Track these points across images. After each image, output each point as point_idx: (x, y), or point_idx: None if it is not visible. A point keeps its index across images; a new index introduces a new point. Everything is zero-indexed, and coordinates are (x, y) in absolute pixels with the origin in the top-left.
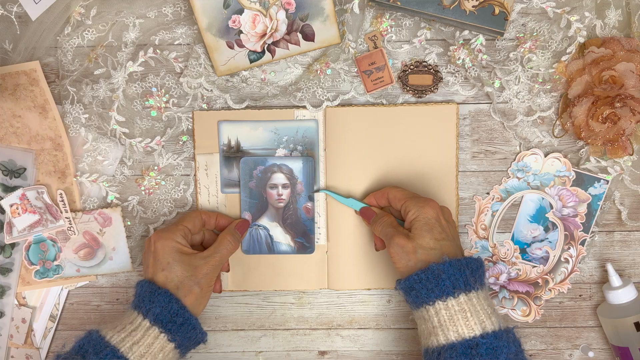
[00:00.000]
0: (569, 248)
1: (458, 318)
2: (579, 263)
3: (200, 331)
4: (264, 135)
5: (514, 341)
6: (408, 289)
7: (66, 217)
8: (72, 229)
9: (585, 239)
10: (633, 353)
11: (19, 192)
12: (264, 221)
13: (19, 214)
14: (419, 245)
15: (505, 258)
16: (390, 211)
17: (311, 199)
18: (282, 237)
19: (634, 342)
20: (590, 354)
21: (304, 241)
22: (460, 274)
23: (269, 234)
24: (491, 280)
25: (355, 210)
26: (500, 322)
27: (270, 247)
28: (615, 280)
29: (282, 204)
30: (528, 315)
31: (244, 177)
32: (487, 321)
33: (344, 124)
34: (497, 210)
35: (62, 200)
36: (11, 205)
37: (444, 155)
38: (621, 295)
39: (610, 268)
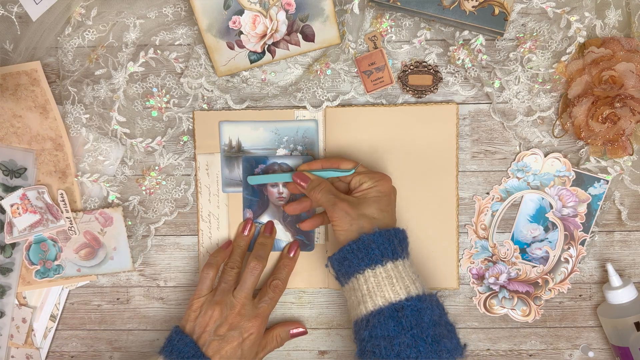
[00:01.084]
0: (569, 248)
1: (385, 284)
2: (579, 263)
3: None
4: (265, 135)
5: (437, 305)
6: (342, 259)
7: (67, 217)
8: (72, 228)
9: (585, 239)
10: (633, 353)
11: (19, 192)
12: (265, 219)
13: (19, 213)
14: (363, 213)
15: (505, 258)
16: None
17: None
18: (282, 235)
19: (634, 342)
20: (590, 354)
21: (304, 239)
22: (389, 243)
23: None
24: (491, 280)
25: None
26: (425, 288)
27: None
28: (615, 280)
29: (283, 202)
30: (528, 315)
31: (245, 175)
32: (412, 286)
33: (344, 124)
34: (497, 210)
35: (63, 200)
36: (12, 205)
37: (444, 155)
38: (621, 295)
39: (610, 268)
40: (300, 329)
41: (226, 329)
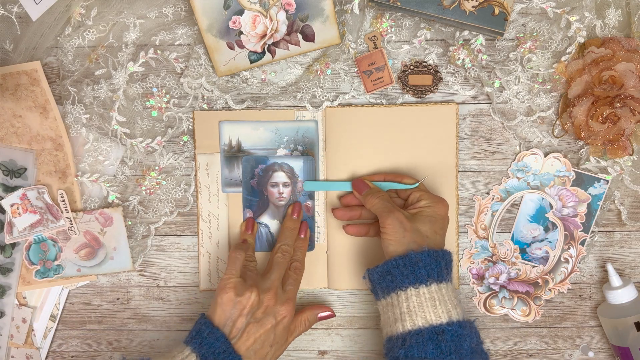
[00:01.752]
0: (568, 248)
1: (427, 305)
2: (579, 263)
3: None
4: (265, 136)
5: (476, 333)
6: (385, 273)
7: (67, 217)
8: (72, 228)
9: (585, 239)
10: (633, 353)
11: (19, 192)
12: (265, 219)
13: (19, 213)
14: (417, 228)
15: (505, 258)
16: None
17: (311, 197)
18: None
19: (634, 342)
20: (590, 354)
21: None
22: (436, 264)
23: (270, 232)
24: (491, 280)
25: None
26: (464, 314)
27: (271, 244)
28: (615, 280)
29: (283, 202)
30: (528, 315)
31: (245, 175)
32: (453, 311)
33: (343, 124)
34: (497, 210)
35: (63, 200)
36: (12, 205)
37: (444, 155)
38: (621, 295)
39: (610, 268)
40: (328, 312)
41: (262, 312)
